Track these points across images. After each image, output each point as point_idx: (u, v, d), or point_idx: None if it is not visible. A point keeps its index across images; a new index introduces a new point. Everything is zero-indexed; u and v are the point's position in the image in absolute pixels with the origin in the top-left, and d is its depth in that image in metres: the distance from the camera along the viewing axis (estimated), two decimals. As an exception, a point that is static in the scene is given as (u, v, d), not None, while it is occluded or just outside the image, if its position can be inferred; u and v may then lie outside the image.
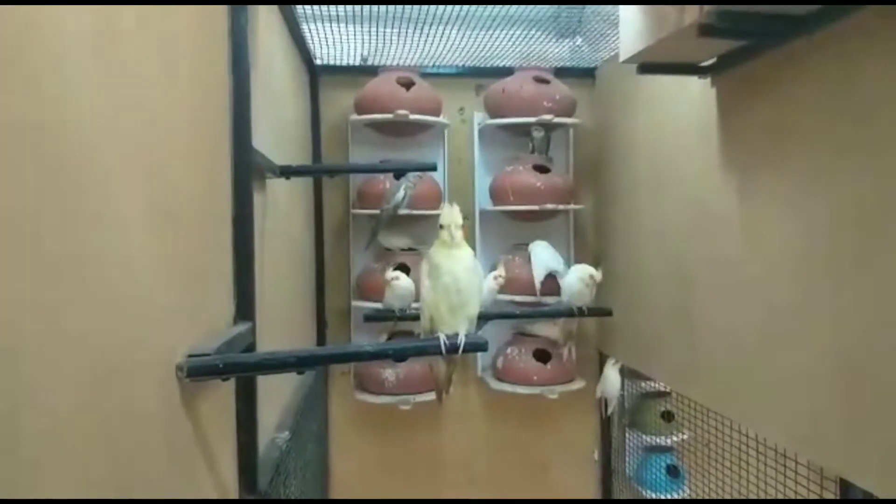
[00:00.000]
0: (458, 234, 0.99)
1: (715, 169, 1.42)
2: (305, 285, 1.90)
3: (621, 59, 1.41)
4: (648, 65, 1.43)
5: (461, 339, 0.86)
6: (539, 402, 2.09)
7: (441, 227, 1.02)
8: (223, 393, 0.94)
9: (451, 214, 1.02)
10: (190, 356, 0.73)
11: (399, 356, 0.88)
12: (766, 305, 1.23)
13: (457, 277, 0.97)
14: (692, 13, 1.12)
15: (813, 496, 1.27)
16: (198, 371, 0.72)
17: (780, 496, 1.41)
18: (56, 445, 0.46)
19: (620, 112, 1.97)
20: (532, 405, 2.15)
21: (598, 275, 1.83)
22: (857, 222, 0.99)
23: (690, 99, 1.52)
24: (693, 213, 1.52)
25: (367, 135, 2.14)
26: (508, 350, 2.10)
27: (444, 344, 0.85)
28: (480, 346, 0.88)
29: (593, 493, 2.28)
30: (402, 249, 2.04)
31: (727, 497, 1.70)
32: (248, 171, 1.02)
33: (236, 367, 0.74)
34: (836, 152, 1.05)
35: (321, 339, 2.09)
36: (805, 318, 1.11)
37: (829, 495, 1.21)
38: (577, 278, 1.84)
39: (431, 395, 2.03)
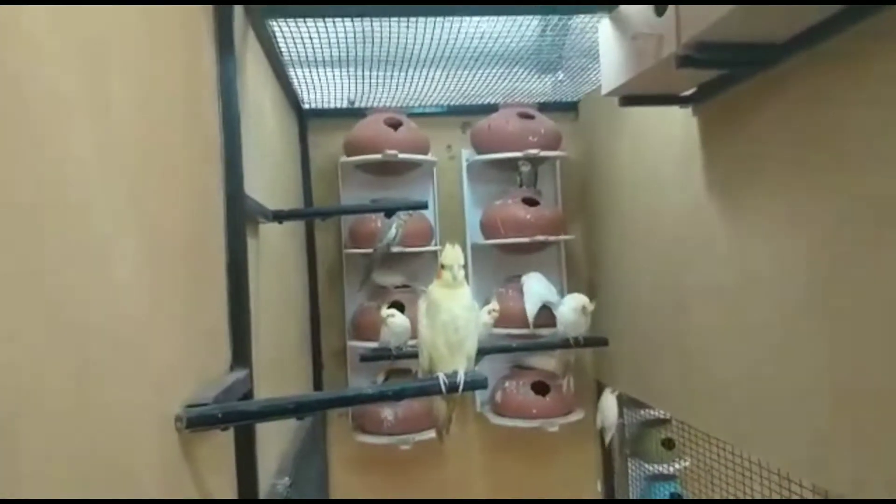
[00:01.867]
0: (461, 274, 1.00)
1: (700, 197, 1.45)
2: (300, 328, 1.90)
3: (603, 92, 1.44)
4: (630, 97, 1.47)
5: (461, 378, 0.86)
6: (539, 435, 2.07)
7: (443, 266, 1.03)
8: (222, 441, 0.93)
9: (454, 255, 1.03)
10: (188, 406, 0.73)
11: (399, 397, 0.87)
12: (760, 330, 1.24)
13: (455, 316, 0.97)
14: (669, 45, 1.15)
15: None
16: (197, 421, 0.71)
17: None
18: (51, 484, 0.46)
19: (605, 143, 2.00)
20: (533, 438, 2.13)
21: (590, 305, 1.83)
22: (844, 244, 1.01)
23: (672, 128, 1.55)
24: (680, 240, 1.54)
25: (357, 176, 2.17)
26: (507, 384, 2.09)
27: (444, 383, 0.85)
28: (480, 384, 0.88)
29: (599, 526, 2.25)
30: (396, 287, 2.04)
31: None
32: (240, 217, 1.03)
33: (236, 416, 0.74)
34: (816, 174, 1.07)
35: (318, 381, 2.08)
36: (800, 341, 1.12)
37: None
38: (571, 308, 1.85)
39: (431, 434, 2.01)
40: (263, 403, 0.79)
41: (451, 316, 0.97)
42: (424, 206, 1.44)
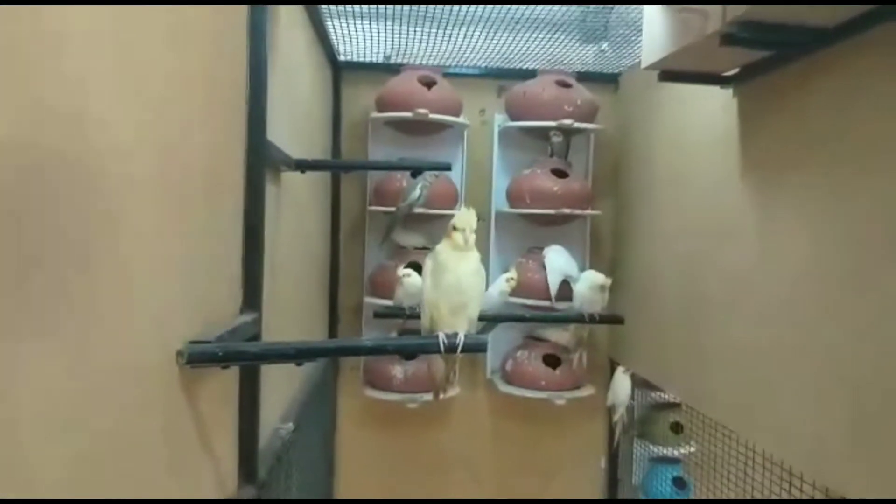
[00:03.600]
0: (472, 238, 0.99)
1: (733, 181, 1.41)
2: (319, 280, 1.91)
3: (643, 65, 1.40)
4: (670, 72, 1.42)
5: (460, 339, 0.86)
6: (547, 407, 2.07)
7: (454, 228, 1.02)
8: (226, 381, 0.95)
9: (467, 218, 1.02)
10: (191, 343, 0.74)
11: (397, 352, 0.88)
12: (778, 321, 1.22)
13: (459, 278, 0.97)
14: (715, 22, 1.11)
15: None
16: (197, 358, 0.73)
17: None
18: (51, 422, 0.47)
19: (642, 119, 1.95)
20: (540, 410, 2.14)
21: (607, 283, 1.81)
22: (875, 241, 0.97)
23: (712, 109, 1.50)
24: (709, 224, 1.51)
25: (386, 133, 2.15)
26: (518, 354, 2.10)
27: (443, 343, 0.85)
28: (480, 347, 0.88)
29: (599, 500, 2.26)
30: (416, 248, 2.04)
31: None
32: (261, 162, 1.03)
33: (236, 356, 0.75)
34: (855, 167, 1.03)
35: (333, 334, 2.10)
36: (817, 337, 1.10)
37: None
38: (589, 285, 1.83)
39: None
40: (264, 346, 0.80)
41: (455, 278, 0.96)
42: (448, 167, 1.42)
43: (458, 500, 2.19)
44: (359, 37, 1.89)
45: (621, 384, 2.04)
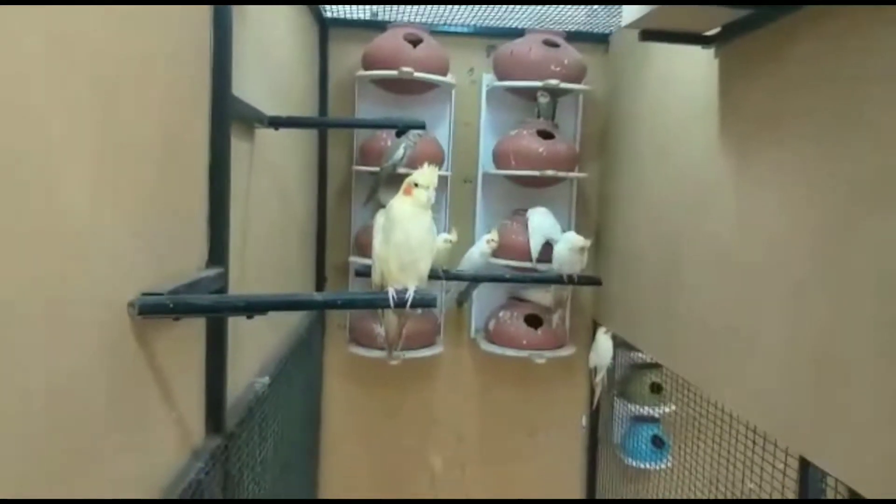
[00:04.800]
0: (433, 196, 1.00)
1: (713, 143, 1.40)
2: (303, 239, 1.92)
3: (623, 23, 1.38)
4: (651, 32, 1.40)
5: (410, 295, 0.87)
6: (530, 367, 2.11)
7: (416, 185, 1.03)
8: (191, 334, 0.97)
9: (430, 176, 1.03)
10: (143, 294, 0.76)
11: (347, 307, 0.89)
12: (749, 285, 1.22)
13: (410, 235, 0.97)
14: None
15: (777, 474, 1.27)
16: (149, 309, 0.74)
17: (748, 472, 1.41)
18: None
19: (630, 81, 1.93)
20: (522, 369, 2.17)
21: (587, 244, 1.82)
22: (852, 208, 0.96)
23: (695, 70, 1.48)
24: (689, 187, 1.50)
25: (373, 92, 2.14)
26: (501, 314, 2.12)
27: (393, 298, 0.86)
28: (429, 303, 0.90)
29: (579, 458, 2.32)
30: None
31: (707, 468, 1.72)
32: (225, 118, 1.03)
33: (186, 308, 0.77)
34: (833, 129, 1.02)
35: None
36: (789, 302, 1.10)
37: (791, 473, 1.21)
38: (568, 246, 1.84)
39: (422, 352, 2.06)
40: (214, 299, 0.82)
41: (406, 235, 0.97)
42: (422, 126, 1.41)
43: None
44: (344, -8, 1.86)
45: (603, 345, 2.06)
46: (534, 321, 2.08)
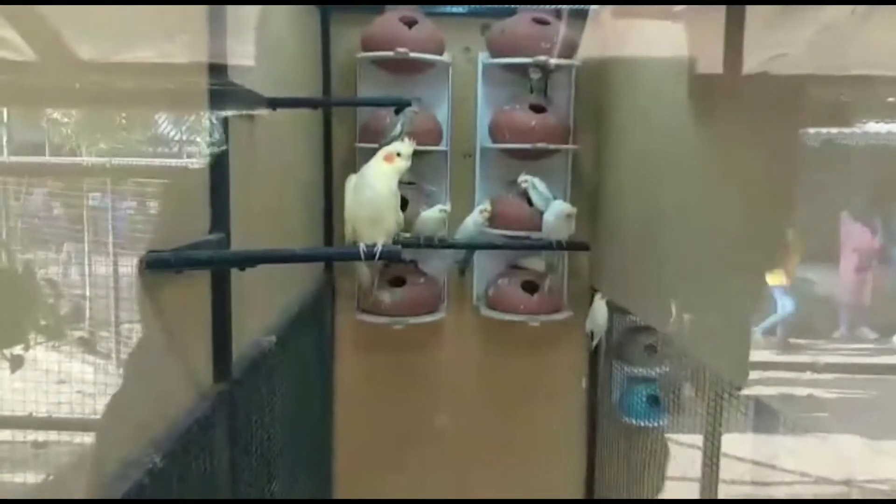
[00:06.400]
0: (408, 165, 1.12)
1: (681, 105, 1.48)
2: (311, 215, 2.06)
3: None
4: None
5: (378, 248, 0.99)
6: (529, 331, 2.22)
7: (398, 154, 1.14)
8: (196, 291, 1.11)
9: (410, 149, 1.15)
10: (149, 251, 0.89)
11: (324, 259, 1.02)
12: (721, 241, 1.31)
13: (378, 194, 1.09)
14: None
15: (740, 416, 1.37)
16: (154, 264, 0.88)
17: (720, 426, 1.51)
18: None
19: (618, 55, 2.01)
20: (524, 334, 2.28)
21: (573, 212, 1.92)
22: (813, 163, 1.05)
23: (667, 35, 1.56)
24: (664, 149, 1.59)
25: (374, 73, 2.25)
26: (499, 281, 2.23)
27: (363, 251, 0.98)
28: (395, 256, 1.02)
29: (579, 419, 2.43)
30: (403, 183, 2.15)
31: (696, 425, 1.82)
32: (223, 104, 1.16)
33: (184, 261, 0.90)
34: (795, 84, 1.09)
35: (328, 265, 2.26)
36: (744, 254, 1.19)
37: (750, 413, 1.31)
38: (555, 214, 1.94)
39: (426, 318, 2.19)
40: (210, 253, 0.95)
41: (373, 194, 1.09)
42: (408, 103, 1.52)
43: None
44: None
45: (599, 311, 2.16)
46: (530, 287, 2.19)
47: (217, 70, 1.14)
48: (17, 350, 0.66)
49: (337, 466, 2.36)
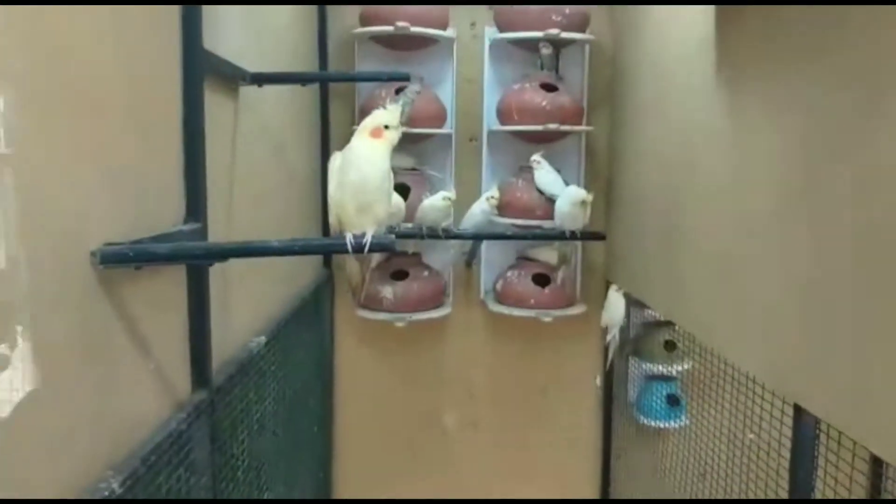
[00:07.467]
0: (397, 138, 0.97)
1: (709, 86, 1.33)
2: (306, 199, 1.91)
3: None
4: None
5: (368, 239, 0.85)
6: (541, 327, 2.08)
7: (386, 127, 1.00)
8: (169, 289, 0.97)
9: (396, 114, 1.00)
10: (106, 244, 0.75)
11: (304, 253, 0.88)
12: (744, 233, 1.17)
13: (366, 176, 0.95)
14: None
15: (776, 423, 1.24)
16: (111, 258, 0.74)
17: (749, 423, 1.38)
18: None
19: (633, 30, 1.86)
20: (534, 329, 2.14)
21: (589, 198, 1.77)
22: (832, 145, 0.91)
23: (694, 15, 1.41)
24: (688, 135, 1.44)
25: (373, 49, 2.10)
26: (509, 273, 2.09)
27: (350, 243, 0.84)
28: (388, 247, 0.88)
29: (593, 418, 2.30)
30: (404, 168, 2.02)
31: (721, 428, 1.69)
32: (198, 74, 1.02)
33: (146, 256, 0.76)
34: (826, 73, 0.95)
35: (327, 259, 2.13)
36: (781, 249, 1.05)
37: (788, 421, 1.17)
38: (570, 201, 1.80)
39: (431, 314, 2.06)
40: (173, 247, 0.81)
41: (361, 177, 0.95)
42: (406, 77, 1.38)
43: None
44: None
45: (614, 304, 2.02)
46: (541, 280, 2.05)
47: (190, 33, 1.00)
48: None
49: (337, 471, 2.24)
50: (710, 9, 1.33)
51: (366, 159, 0.96)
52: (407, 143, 2.03)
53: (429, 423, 2.27)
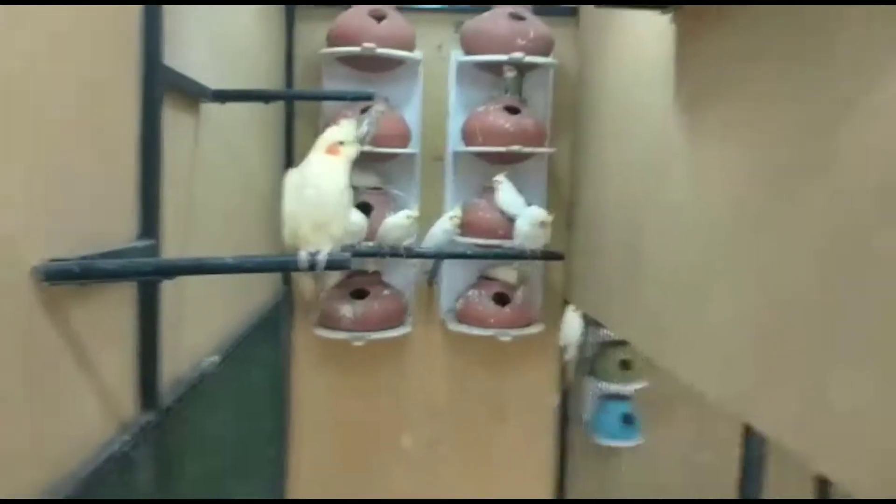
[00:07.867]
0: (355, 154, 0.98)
1: (667, 109, 1.37)
2: (268, 217, 1.90)
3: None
4: (606, -3, 1.37)
5: (322, 257, 0.85)
6: (501, 346, 2.09)
7: (342, 143, 1.01)
8: (117, 306, 0.95)
9: (350, 129, 1.01)
10: (51, 260, 0.74)
11: (258, 271, 0.87)
12: (702, 253, 1.20)
13: (323, 193, 0.95)
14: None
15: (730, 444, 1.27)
16: (55, 275, 0.72)
17: (705, 443, 1.41)
18: None
19: (596, 53, 1.90)
20: (494, 348, 2.15)
21: (548, 219, 1.80)
22: (795, 167, 0.94)
23: (652, 36, 1.46)
24: (647, 155, 1.48)
25: (340, 70, 2.11)
26: (469, 293, 2.11)
27: (304, 260, 0.84)
28: (342, 265, 0.88)
29: (550, 437, 2.31)
30: (368, 188, 2.02)
31: (673, 445, 1.72)
32: (157, 92, 1.01)
33: (94, 273, 0.75)
34: (780, 92, 0.99)
35: (286, 276, 2.11)
36: (736, 271, 1.08)
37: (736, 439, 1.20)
38: (530, 222, 1.82)
39: (390, 333, 2.05)
40: (122, 263, 0.80)
41: (318, 194, 0.95)
42: (370, 96, 1.39)
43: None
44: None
45: (571, 324, 2.05)
46: (501, 299, 2.06)
47: (152, 52, 0.99)
48: None
49: (293, 493, 2.20)
50: (669, 29, 1.37)
51: (322, 175, 0.96)
52: (372, 162, 2.04)
53: (387, 442, 2.25)
